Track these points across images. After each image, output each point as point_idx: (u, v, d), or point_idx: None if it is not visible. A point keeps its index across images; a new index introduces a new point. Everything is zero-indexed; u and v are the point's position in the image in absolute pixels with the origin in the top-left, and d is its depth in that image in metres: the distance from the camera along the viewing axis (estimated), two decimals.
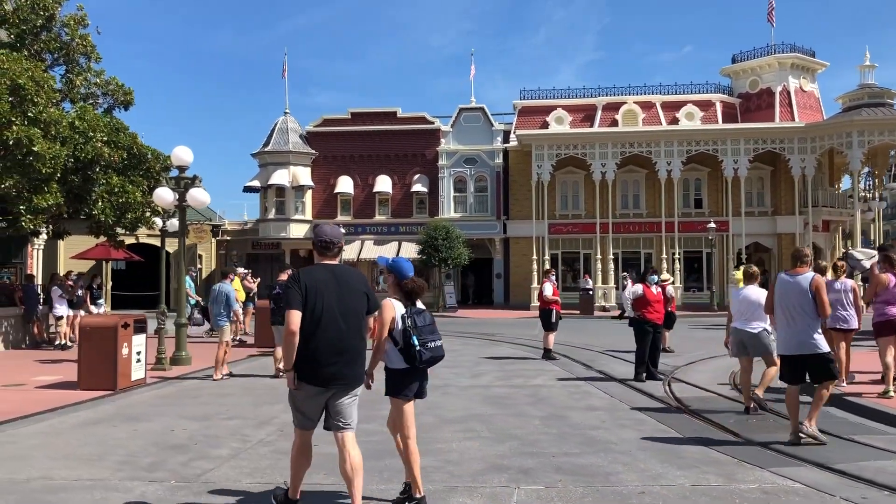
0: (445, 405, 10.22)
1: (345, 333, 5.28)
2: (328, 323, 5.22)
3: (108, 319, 12.56)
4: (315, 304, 5.21)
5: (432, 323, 5.78)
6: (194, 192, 15.92)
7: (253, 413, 9.88)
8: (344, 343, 5.27)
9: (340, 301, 5.29)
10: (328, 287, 5.28)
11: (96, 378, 11.97)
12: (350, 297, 5.35)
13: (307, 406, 5.32)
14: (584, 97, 40.03)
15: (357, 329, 5.38)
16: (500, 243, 39.41)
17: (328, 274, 5.36)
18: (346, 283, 5.37)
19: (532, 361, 15.41)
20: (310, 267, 5.49)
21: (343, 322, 5.28)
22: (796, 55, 38.32)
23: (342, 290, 5.33)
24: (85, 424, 9.18)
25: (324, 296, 5.24)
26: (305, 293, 5.21)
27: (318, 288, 5.24)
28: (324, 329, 5.21)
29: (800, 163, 35.25)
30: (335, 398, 5.29)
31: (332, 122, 40.79)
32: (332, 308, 5.25)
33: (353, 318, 5.35)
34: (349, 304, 5.33)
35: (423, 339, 5.61)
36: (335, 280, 5.34)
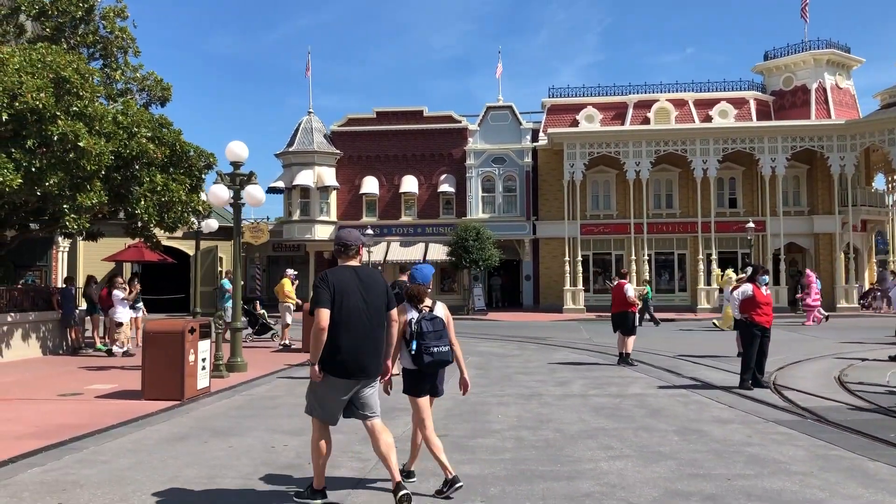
0: (556, 417, 9.38)
1: (369, 328, 5.69)
2: (355, 319, 5.62)
3: (173, 324, 11.72)
4: (342, 302, 5.60)
5: (441, 329, 6.11)
6: (251, 189, 15.16)
7: (349, 425, 9.02)
8: (369, 338, 5.69)
9: (364, 298, 5.69)
10: (352, 286, 5.68)
11: (162, 387, 11.14)
12: (372, 294, 5.76)
13: (332, 399, 5.69)
14: (614, 94, 39.21)
15: (379, 324, 5.80)
16: (529, 244, 38.55)
17: (352, 274, 5.77)
18: (368, 282, 5.78)
19: (609, 367, 14.54)
20: (335, 268, 5.87)
21: (367, 318, 5.68)
22: (832, 51, 37.47)
23: (365, 289, 5.73)
24: (171, 440, 8.34)
25: (349, 294, 5.64)
26: (334, 292, 5.58)
27: (344, 287, 5.64)
28: (351, 325, 5.61)
29: (839, 161, 34.40)
30: (360, 390, 5.72)
31: (357, 121, 39.98)
32: (357, 305, 5.65)
33: (376, 314, 5.76)
34: (372, 301, 5.73)
35: (426, 343, 5.99)
36: (358, 279, 5.74)
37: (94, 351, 18.86)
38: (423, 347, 5.99)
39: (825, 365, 14.50)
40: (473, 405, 10.38)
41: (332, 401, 5.69)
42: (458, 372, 6.46)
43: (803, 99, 37.75)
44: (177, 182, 18.30)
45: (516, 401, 10.70)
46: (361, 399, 5.77)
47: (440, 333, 6.07)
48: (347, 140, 39.67)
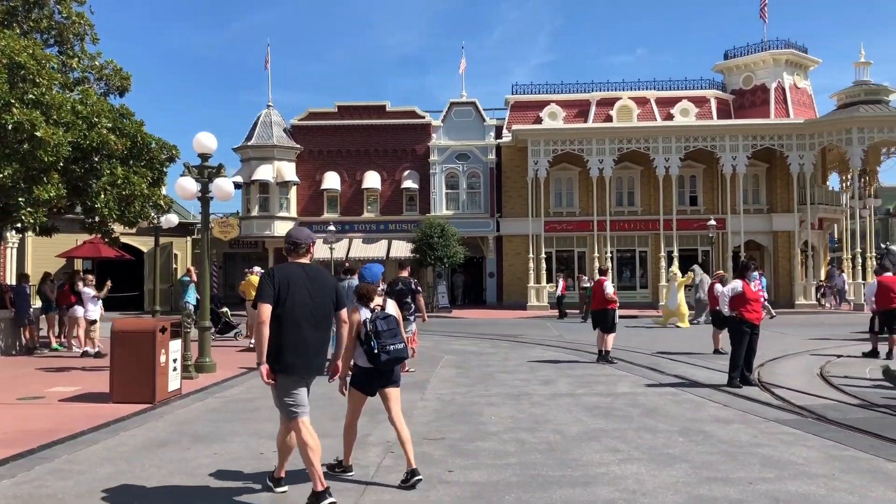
0: (551, 418, 9.07)
1: (315, 326, 5.69)
2: (300, 316, 5.60)
3: (143, 323, 11.13)
4: (288, 298, 5.57)
5: (395, 327, 6.25)
6: (220, 182, 14.55)
7: (337, 429, 8.60)
8: (314, 335, 5.68)
9: (311, 296, 5.67)
10: (300, 283, 5.65)
11: (131, 389, 10.54)
12: (320, 292, 5.74)
13: (296, 392, 5.66)
14: (577, 92, 39.19)
15: (326, 322, 5.81)
16: (492, 241, 38.31)
17: (300, 271, 5.74)
18: (316, 280, 5.76)
19: (590, 365, 14.30)
20: (283, 264, 5.84)
21: (313, 315, 5.67)
22: (791, 51, 37.99)
23: (313, 287, 5.71)
24: (150, 447, 7.81)
25: (296, 291, 5.61)
26: (279, 288, 5.56)
27: (291, 283, 5.61)
28: (296, 322, 5.58)
29: (798, 160, 34.86)
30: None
31: (318, 115, 39.27)
32: (304, 303, 5.63)
33: (323, 311, 5.76)
34: (319, 300, 5.72)
35: (382, 342, 6.10)
36: (306, 277, 5.72)
37: (49, 351, 18.03)
38: (381, 346, 6.10)
39: (803, 362, 14.49)
40: (462, 406, 10.03)
41: (295, 394, 5.68)
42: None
43: (762, 98, 38.21)
44: (138, 175, 17.56)
45: (505, 401, 10.38)
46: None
47: (395, 332, 6.22)
48: (308, 134, 38.93)
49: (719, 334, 16.16)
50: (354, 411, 6.48)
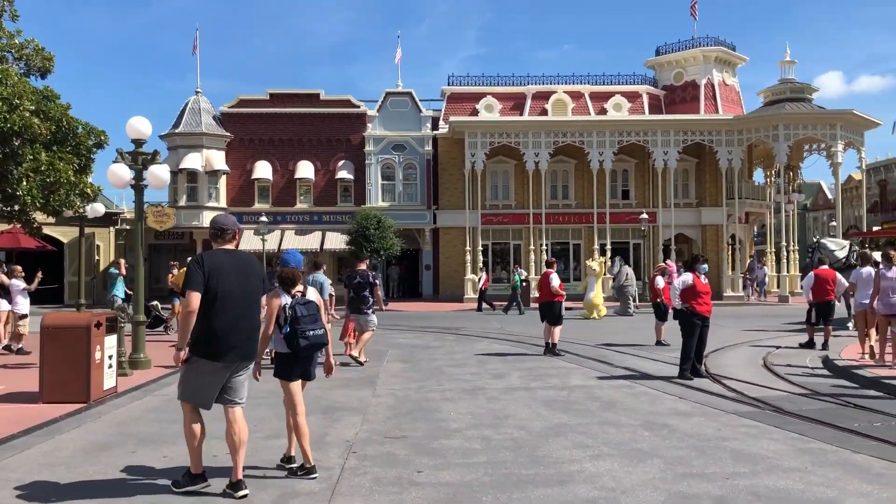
0: (511, 413, 8.87)
1: (243, 313, 5.69)
2: (229, 303, 5.59)
3: (77, 318, 10.46)
4: (218, 285, 5.55)
5: (315, 312, 6.18)
6: (155, 169, 13.88)
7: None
8: (243, 322, 5.69)
9: (239, 283, 5.68)
10: (228, 269, 5.65)
11: (64, 388, 9.87)
12: (248, 279, 5.77)
13: (208, 383, 5.64)
14: (513, 85, 39.23)
15: (255, 308, 5.84)
16: (429, 233, 38.07)
17: (228, 258, 5.75)
18: (244, 267, 5.80)
19: (537, 358, 14.20)
20: (211, 251, 5.82)
21: (242, 302, 5.68)
22: (721, 49, 38.84)
23: (241, 273, 5.73)
24: (91, 450, 7.28)
25: (225, 278, 5.60)
26: (208, 275, 5.53)
27: (220, 270, 5.59)
28: (225, 309, 5.57)
29: (727, 155, 35.70)
30: (232, 375, 5.71)
31: (249, 102, 38.25)
32: (232, 289, 5.62)
33: (251, 299, 5.79)
34: (247, 287, 5.74)
35: (301, 328, 6.04)
36: (235, 264, 5.73)
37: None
38: (300, 331, 6.05)
39: (745, 353, 14.71)
40: (418, 402, 9.75)
41: (207, 385, 5.66)
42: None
43: (693, 94, 38.98)
44: (64, 161, 16.68)
45: (461, 396, 10.15)
46: (232, 384, 5.79)
47: (315, 317, 6.16)
48: (238, 122, 37.88)
49: (662, 326, 16.31)
50: (291, 400, 6.32)
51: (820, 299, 15.06)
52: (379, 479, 6.18)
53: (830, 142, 34.48)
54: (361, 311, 13.50)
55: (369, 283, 13.62)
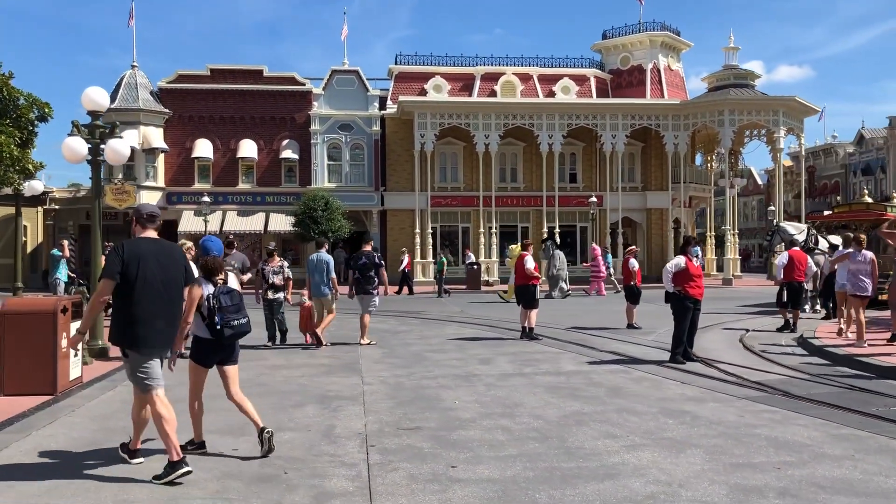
0: (518, 401, 8.50)
1: (165, 300, 5.71)
2: (150, 290, 5.60)
3: (40, 303, 9.61)
4: (139, 273, 5.55)
5: (239, 302, 6.24)
6: (114, 143, 12.95)
7: (295, 417, 7.68)
8: (164, 308, 5.70)
9: (162, 270, 5.69)
10: (150, 257, 5.64)
11: (27, 379, 9.07)
12: (170, 267, 5.78)
13: (148, 366, 5.68)
14: (462, 66, 38.76)
15: (178, 297, 5.86)
16: (377, 216, 37.40)
17: (151, 245, 5.75)
18: (167, 255, 5.81)
19: (516, 343, 13.85)
20: (134, 239, 5.83)
21: (164, 289, 5.70)
22: (667, 34, 39.17)
23: (163, 261, 5.74)
24: (80, 448, 6.60)
25: (146, 265, 5.60)
26: (127, 263, 5.51)
27: (141, 258, 5.58)
28: (147, 295, 5.58)
29: (673, 139, 36.09)
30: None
31: (189, 78, 36.77)
32: (154, 277, 5.62)
33: (174, 286, 5.80)
34: (169, 274, 5.76)
35: (226, 317, 6.09)
36: (157, 251, 5.74)
37: None
38: (225, 321, 6.10)
39: (720, 336, 14.72)
40: (413, 390, 9.30)
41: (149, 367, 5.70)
42: None
43: (639, 78, 39.24)
44: (5, 135, 15.52)
45: (456, 383, 9.72)
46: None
47: (238, 306, 6.22)
48: (178, 98, 36.38)
49: (634, 309, 16.22)
50: (197, 385, 6.35)
51: (790, 279, 15.16)
52: (414, 475, 5.72)
53: (773, 127, 35.20)
54: (367, 292, 13.61)
55: (375, 265, 13.62)
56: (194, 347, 6.33)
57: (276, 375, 10.49)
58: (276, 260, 13.65)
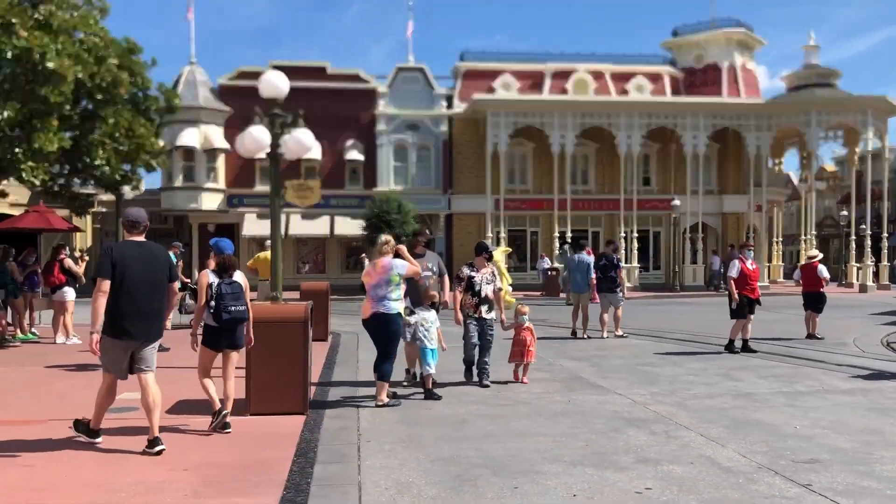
0: (871, 426, 7.25)
1: (147, 298, 6.36)
2: (134, 289, 6.27)
3: (291, 310, 8.36)
4: (125, 273, 6.22)
5: (238, 291, 7.19)
6: (298, 133, 11.73)
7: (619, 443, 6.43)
8: (146, 306, 6.36)
9: (145, 271, 6.35)
10: (135, 259, 6.32)
11: (276, 397, 7.90)
12: (153, 268, 6.44)
13: (116, 356, 6.37)
14: (531, 62, 37.47)
15: (160, 295, 6.52)
16: (443, 219, 36.11)
17: (136, 248, 6.43)
18: (150, 257, 6.46)
19: (724, 356, 12.38)
20: (121, 242, 6.61)
21: (147, 289, 6.35)
22: (744, 31, 37.91)
23: (147, 263, 6.39)
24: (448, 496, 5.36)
25: (131, 267, 6.27)
26: (114, 264, 6.20)
27: (127, 259, 6.27)
28: (130, 294, 6.25)
29: (755, 141, 34.80)
30: (139, 349, 6.42)
31: (250, 75, 35.23)
32: (137, 277, 6.29)
33: (157, 285, 6.46)
34: (152, 274, 6.41)
35: (224, 303, 7.04)
36: (142, 254, 6.39)
37: (20, 342, 14.54)
38: (223, 307, 7.02)
39: None
40: (718, 411, 8.00)
41: (118, 359, 6.37)
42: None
43: (714, 77, 37.91)
44: (144, 128, 14.31)
45: (751, 403, 8.42)
46: (140, 354, 6.46)
47: (237, 295, 7.14)
48: (238, 96, 34.96)
49: (816, 318, 14.98)
50: (204, 365, 7.30)
51: None
52: None
53: (861, 128, 33.96)
54: (611, 290, 14.81)
55: (614, 265, 14.90)
56: (205, 334, 7.27)
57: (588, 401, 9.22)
58: (488, 266, 10.26)
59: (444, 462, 6.15)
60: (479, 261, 9.86)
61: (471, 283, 9.69)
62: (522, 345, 9.79)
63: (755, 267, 12.82)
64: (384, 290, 8.37)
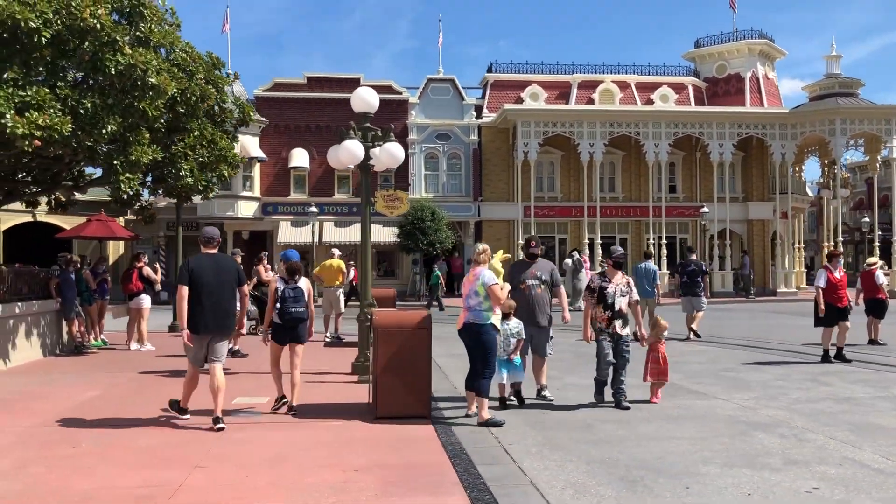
0: None
1: (217, 300, 7.77)
2: (206, 293, 7.70)
3: (410, 317, 8.70)
4: (200, 280, 7.70)
5: (300, 295, 8.50)
6: (390, 146, 12.25)
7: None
8: (218, 307, 7.77)
9: (217, 278, 7.79)
10: (209, 269, 7.79)
11: (401, 401, 8.24)
12: (224, 275, 7.88)
13: (196, 348, 7.82)
14: (558, 73, 37.95)
15: (229, 298, 7.91)
16: (472, 226, 36.51)
17: (209, 260, 7.92)
18: (221, 266, 7.95)
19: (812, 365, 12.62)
20: (196, 255, 8.01)
21: (217, 292, 7.76)
22: (765, 42, 38.37)
23: (218, 271, 7.86)
24: None
25: (205, 275, 7.73)
26: (191, 273, 7.71)
27: (200, 270, 7.75)
28: (204, 297, 7.69)
29: (780, 149, 35.22)
30: (212, 342, 7.85)
31: (285, 86, 36.00)
32: (210, 283, 7.73)
33: (226, 289, 7.87)
34: (223, 281, 7.84)
35: (286, 306, 8.39)
36: (213, 264, 7.88)
37: (96, 349, 14.94)
38: (285, 308, 8.38)
39: None
40: (818, 411, 8.35)
41: (197, 351, 7.82)
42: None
43: (737, 87, 38.36)
44: (224, 140, 14.73)
45: (856, 408, 8.77)
46: (213, 347, 7.87)
47: (298, 299, 8.45)
48: (274, 107, 35.58)
49: (878, 324, 15.30)
50: (274, 357, 8.65)
51: None
52: None
53: (885, 136, 34.36)
54: (695, 294, 16.18)
55: (702, 271, 16.50)
56: (272, 330, 8.56)
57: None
58: (622, 276, 9.21)
59: (599, 464, 6.49)
60: (611, 270, 9.07)
61: (602, 295, 8.83)
62: (662, 362, 9.05)
63: (843, 275, 12.77)
64: (475, 300, 8.07)
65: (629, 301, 8.91)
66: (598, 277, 9.08)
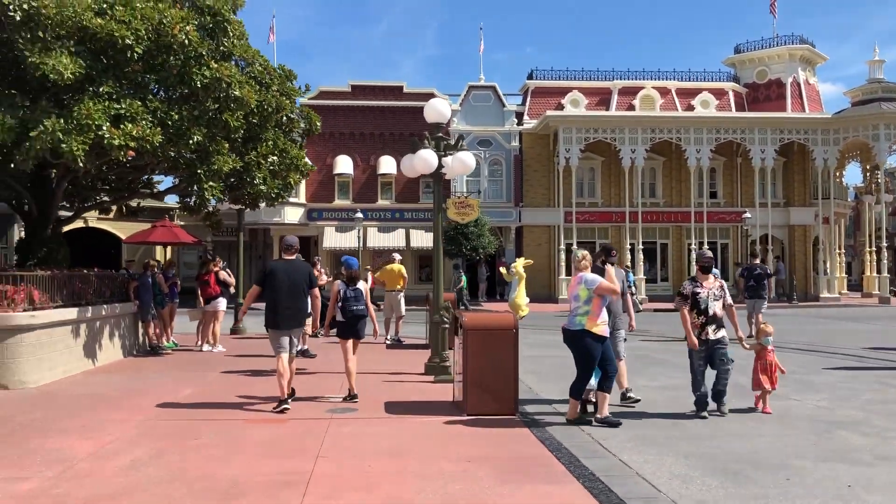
0: None
1: (290, 299, 8.91)
2: (282, 294, 8.84)
3: (500, 319, 9.14)
4: (275, 283, 8.84)
5: (360, 296, 9.48)
6: (462, 155, 12.63)
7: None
8: (291, 306, 8.92)
9: (290, 280, 8.90)
10: (284, 272, 8.91)
11: (489, 399, 8.67)
12: (296, 278, 8.96)
13: (278, 340, 8.91)
14: (598, 80, 38.23)
15: (301, 298, 9.07)
16: (513, 232, 36.90)
17: (284, 264, 9.05)
18: (295, 270, 9.01)
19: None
20: (276, 260, 9.40)
21: (290, 293, 8.90)
22: (807, 47, 38.35)
23: (292, 274, 8.95)
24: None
25: (279, 277, 8.87)
26: (266, 276, 8.94)
27: (277, 273, 8.90)
28: (280, 297, 8.84)
29: (823, 154, 35.18)
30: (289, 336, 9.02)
31: (330, 94, 36.67)
32: (284, 285, 8.85)
33: (298, 290, 8.98)
34: (295, 283, 8.94)
35: (348, 304, 9.38)
36: (288, 268, 8.98)
37: (170, 350, 15.53)
38: (347, 307, 9.36)
39: None
40: (894, 412, 8.64)
41: (279, 342, 8.88)
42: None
43: (778, 93, 38.39)
44: (294, 148, 15.29)
45: None
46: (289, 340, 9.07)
47: (359, 298, 9.43)
48: (319, 114, 35.84)
49: None
50: (344, 352, 9.55)
51: None
52: None
53: None
54: (760, 297, 17.03)
55: (766, 274, 17.74)
56: (338, 327, 9.52)
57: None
58: (714, 280, 8.97)
59: (697, 458, 6.86)
60: (701, 275, 8.87)
61: (695, 300, 8.66)
62: (770, 370, 8.89)
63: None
64: (573, 305, 8.23)
65: (723, 304, 8.72)
66: (690, 283, 8.93)
